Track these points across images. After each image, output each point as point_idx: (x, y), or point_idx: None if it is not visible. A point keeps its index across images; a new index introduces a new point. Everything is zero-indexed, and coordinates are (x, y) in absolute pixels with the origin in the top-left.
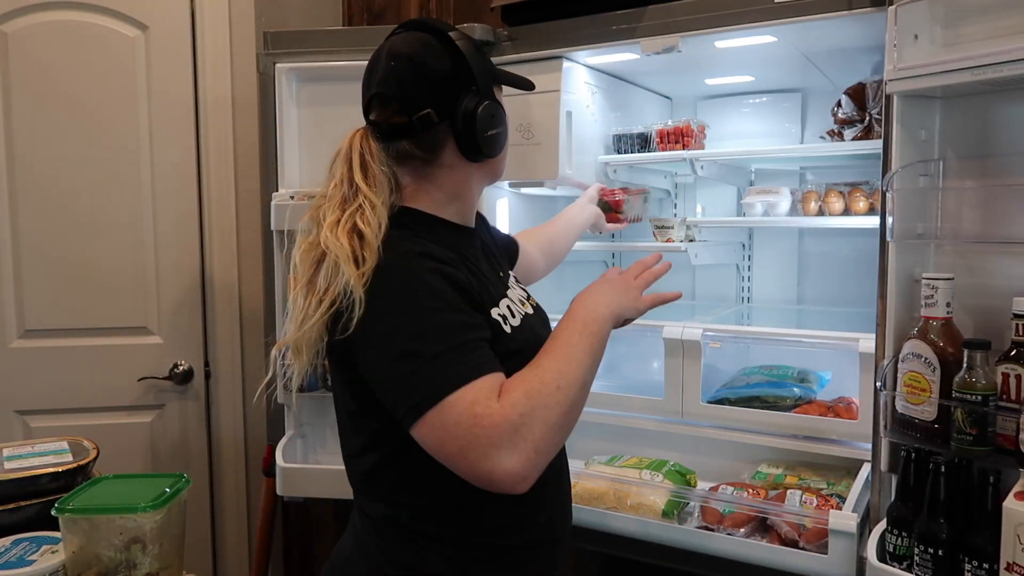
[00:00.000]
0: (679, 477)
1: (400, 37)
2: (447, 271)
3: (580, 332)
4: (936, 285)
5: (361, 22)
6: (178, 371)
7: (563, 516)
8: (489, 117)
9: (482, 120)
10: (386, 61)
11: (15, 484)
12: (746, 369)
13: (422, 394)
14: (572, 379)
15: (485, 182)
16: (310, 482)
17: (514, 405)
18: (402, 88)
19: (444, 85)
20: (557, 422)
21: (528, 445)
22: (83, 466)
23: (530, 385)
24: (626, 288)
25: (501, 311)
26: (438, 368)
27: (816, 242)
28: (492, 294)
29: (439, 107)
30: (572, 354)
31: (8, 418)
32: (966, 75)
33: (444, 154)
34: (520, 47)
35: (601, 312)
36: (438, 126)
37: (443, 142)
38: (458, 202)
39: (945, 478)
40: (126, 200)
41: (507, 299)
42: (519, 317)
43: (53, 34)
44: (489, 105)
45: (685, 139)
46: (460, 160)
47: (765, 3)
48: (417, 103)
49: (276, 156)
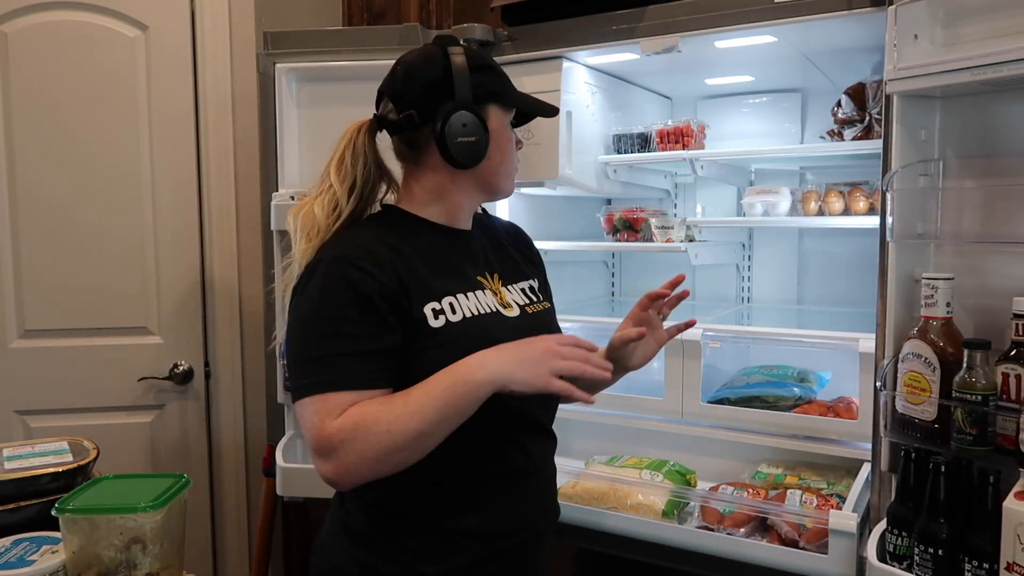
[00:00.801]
0: (679, 477)
1: (418, 48)
2: (359, 279)
3: (444, 387)
4: (936, 285)
5: (361, 22)
6: (178, 371)
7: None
8: (460, 125)
9: (453, 127)
10: (395, 65)
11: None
12: (746, 369)
13: (296, 384)
14: (406, 428)
15: (476, 191)
16: (310, 482)
17: (340, 428)
18: (395, 89)
19: (428, 91)
20: (372, 456)
21: (340, 464)
22: (83, 466)
23: (364, 418)
24: (535, 359)
25: (439, 305)
26: (309, 370)
27: (816, 242)
28: (432, 290)
29: (421, 110)
30: (421, 405)
31: (8, 418)
32: (966, 75)
33: (427, 156)
34: (520, 47)
35: (477, 376)
36: (421, 129)
37: (426, 144)
38: (441, 204)
39: (945, 478)
40: (126, 200)
41: (459, 296)
42: (468, 313)
43: (53, 34)
44: (463, 115)
45: (685, 139)
46: (443, 164)
47: (765, 3)
48: (404, 104)
49: (276, 156)
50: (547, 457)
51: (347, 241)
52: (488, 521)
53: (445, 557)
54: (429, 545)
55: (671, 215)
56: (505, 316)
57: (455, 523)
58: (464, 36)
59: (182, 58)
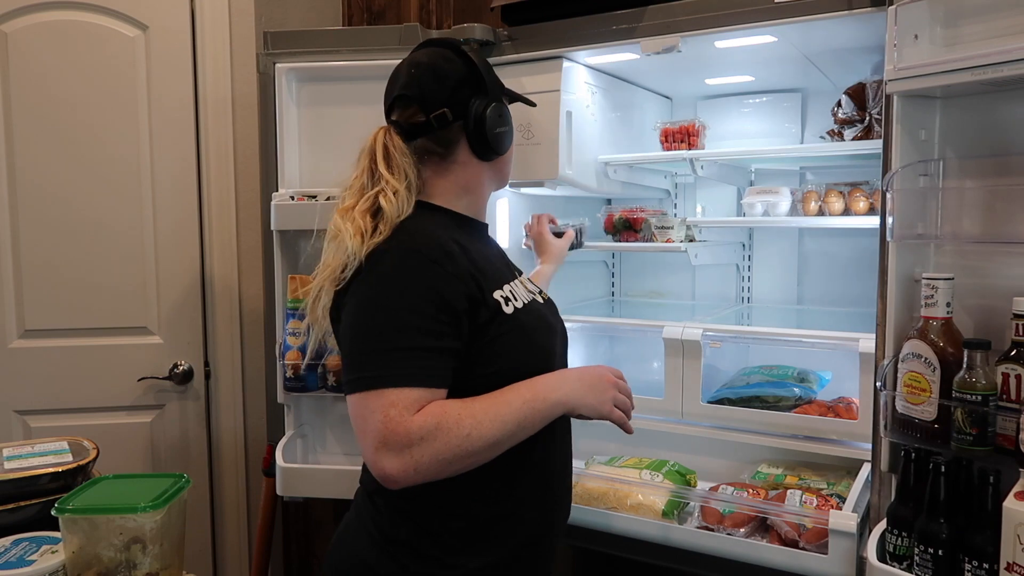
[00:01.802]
0: (679, 477)
1: (421, 51)
2: (437, 275)
3: (525, 400)
4: (936, 285)
5: (361, 22)
6: (178, 371)
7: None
8: (497, 116)
9: (491, 119)
10: (407, 69)
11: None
12: (746, 369)
13: (359, 375)
14: (484, 433)
15: (495, 183)
16: (310, 482)
17: (421, 426)
18: (421, 91)
19: (458, 88)
20: (447, 458)
21: (411, 461)
22: (83, 466)
23: (446, 418)
24: (601, 387)
25: (504, 293)
26: (381, 361)
27: (816, 242)
28: (496, 278)
29: (453, 107)
30: (502, 414)
31: (8, 418)
32: (966, 75)
33: (458, 151)
34: (520, 47)
35: (554, 396)
36: (452, 124)
37: (457, 140)
38: (470, 196)
39: (945, 478)
40: (126, 200)
41: (512, 285)
42: (523, 301)
43: (53, 34)
44: (497, 106)
45: (691, 138)
46: (472, 158)
47: (765, 3)
48: (434, 103)
49: (276, 156)
50: (570, 457)
51: (415, 233)
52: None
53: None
54: (465, 538)
55: (671, 215)
56: (540, 302)
57: (491, 512)
58: (464, 36)
59: (182, 58)
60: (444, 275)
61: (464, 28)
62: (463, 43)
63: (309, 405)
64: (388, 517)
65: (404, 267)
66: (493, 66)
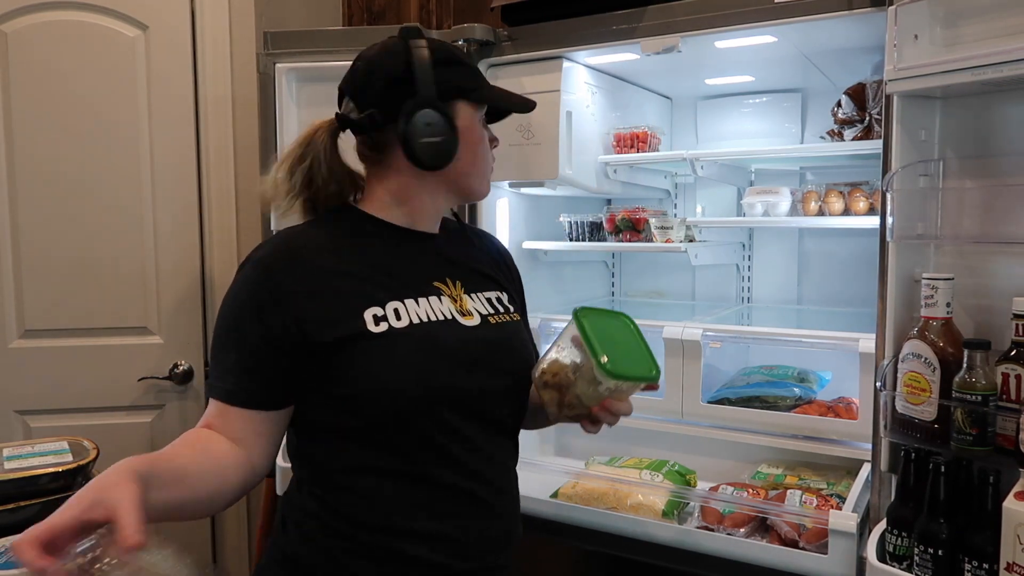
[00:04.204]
0: (679, 477)
1: (381, 41)
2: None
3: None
4: (936, 285)
5: (361, 22)
6: (178, 371)
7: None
8: (424, 125)
9: (416, 126)
10: (355, 61)
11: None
12: (746, 369)
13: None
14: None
15: (445, 193)
16: None
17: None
18: (355, 86)
19: (388, 88)
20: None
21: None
22: (83, 466)
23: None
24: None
25: (382, 312)
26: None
27: (816, 242)
28: (373, 296)
29: (383, 108)
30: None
31: (8, 418)
32: (966, 75)
33: (391, 156)
34: (520, 47)
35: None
36: (383, 128)
37: (390, 144)
38: (404, 206)
39: (945, 478)
40: (126, 200)
41: (407, 302)
42: (411, 320)
43: (53, 34)
44: (427, 113)
45: (640, 144)
46: (408, 166)
47: (765, 3)
48: (365, 102)
49: (276, 156)
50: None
51: (279, 241)
52: (435, 540)
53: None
54: (373, 568)
55: (671, 215)
56: (461, 324)
57: (401, 539)
58: (464, 36)
59: (182, 58)
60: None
61: (464, 28)
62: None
63: None
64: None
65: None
66: (493, 66)
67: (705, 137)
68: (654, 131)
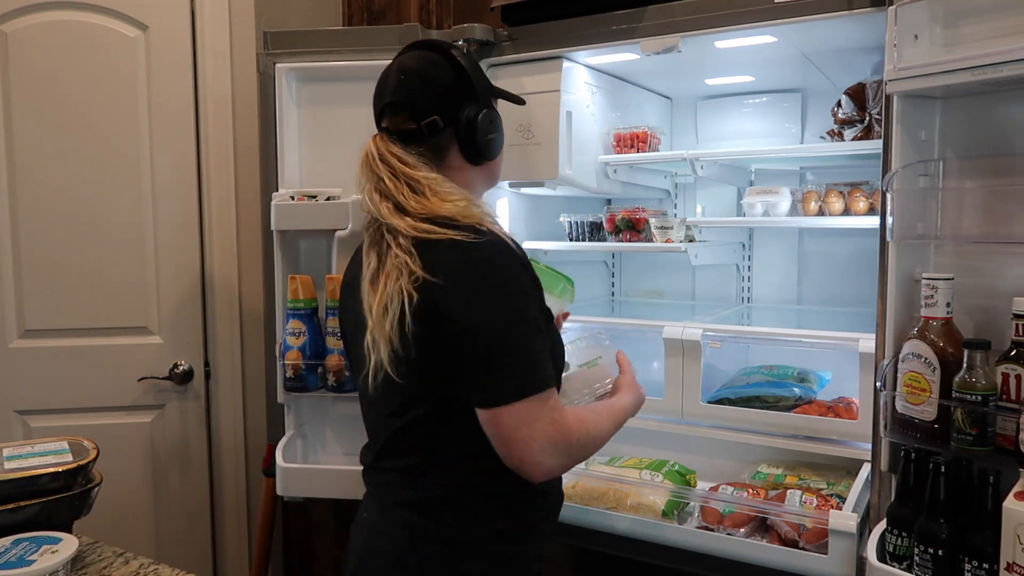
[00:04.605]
0: (679, 477)
1: (409, 55)
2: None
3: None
4: (936, 285)
5: (361, 22)
6: (178, 371)
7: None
8: (488, 123)
9: (482, 125)
10: (397, 75)
11: (15, 484)
12: (746, 369)
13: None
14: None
15: (486, 185)
16: (310, 482)
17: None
18: (411, 98)
19: (447, 95)
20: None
21: (569, 460)
22: (83, 466)
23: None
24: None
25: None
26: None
27: (816, 242)
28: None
29: (444, 114)
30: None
31: (8, 418)
32: (966, 75)
33: (450, 157)
34: (520, 47)
35: (631, 413)
36: (443, 132)
37: (448, 146)
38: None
39: (945, 478)
40: (126, 200)
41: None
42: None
43: (53, 34)
44: (488, 112)
45: (640, 144)
46: (464, 163)
47: (765, 3)
48: (425, 111)
49: (276, 156)
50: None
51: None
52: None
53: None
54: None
55: (671, 215)
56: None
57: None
58: (464, 36)
59: (182, 58)
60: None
61: (464, 28)
62: (451, 45)
63: (309, 405)
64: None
65: (513, 265)
66: (493, 66)
67: (705, 137)
68: (654, 131)
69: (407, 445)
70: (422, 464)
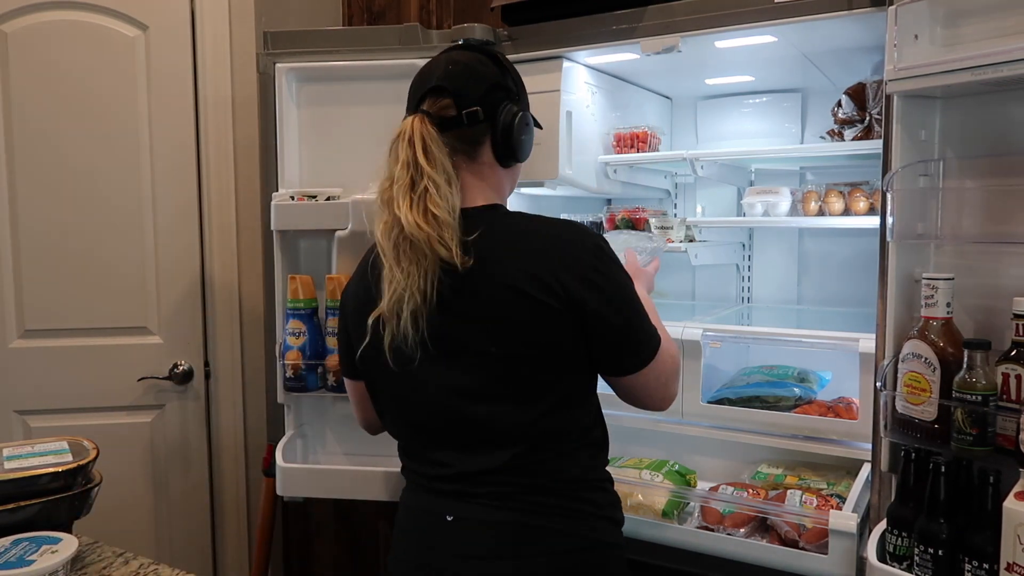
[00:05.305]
0: (679, 477)
1: (458, 51)
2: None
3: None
4: (936, 285)
5: (361, 22)
6: (178, 371)
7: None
8: (524, 124)
9: (518, 125)
10: (445, 64)
11: (15, 484)
12: (746, 369)
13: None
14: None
15: (509, 190)
16: (310, 482)
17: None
18: (457, 85)
19: (492, 90)
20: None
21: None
22: (83, 466)
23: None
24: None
25: None
26: (652, 327)
27: (816, 242)
28: None
29: (486, 107)
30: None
31: (8, 418)
32: (966, 75)
33: (482, 153)
34: (520, 47)
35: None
36: (481, 124)
37: (482, 140)
38: (501, 199)
39: (945, 478)
40: (126, 200)
41: None
42: None
43: (53, 34)
44: (525, 115)
45: (640, 144)
46: (494, 162)
47: (765, 3)
48: (468, 100)
49: (276, 156)
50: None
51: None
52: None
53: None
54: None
55: (671, 215)
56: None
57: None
58: (464, 36)
59: (182, 58)
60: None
61: (464, 28)
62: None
63: (309, 405)
64: (600, 499)
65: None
66: None
67: (705, 137)
68: (654, 131)
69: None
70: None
